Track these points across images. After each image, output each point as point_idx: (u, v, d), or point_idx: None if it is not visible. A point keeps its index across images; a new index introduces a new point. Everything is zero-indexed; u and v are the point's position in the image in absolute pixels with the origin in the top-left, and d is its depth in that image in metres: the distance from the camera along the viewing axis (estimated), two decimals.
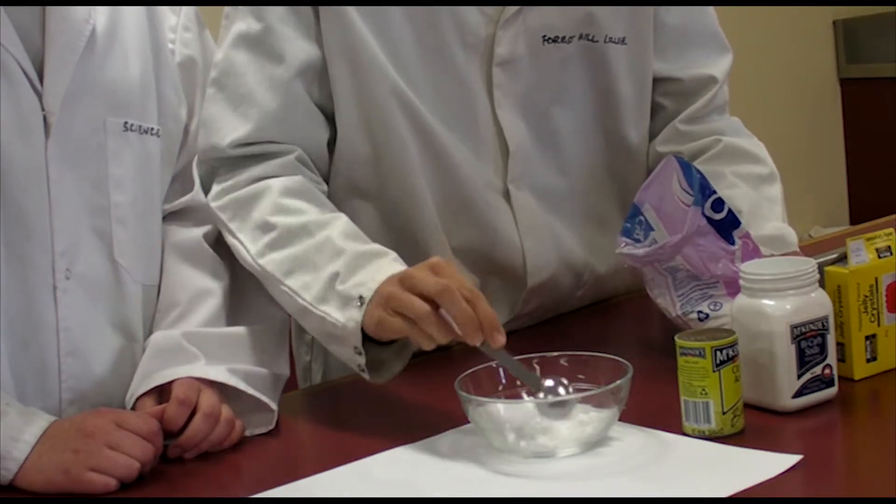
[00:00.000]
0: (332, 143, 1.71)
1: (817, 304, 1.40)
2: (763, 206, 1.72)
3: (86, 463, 1.38)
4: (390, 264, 1.51)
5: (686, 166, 1.60)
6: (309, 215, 1.60)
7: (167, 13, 1.65)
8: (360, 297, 1.47)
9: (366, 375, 1.51)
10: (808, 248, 1.84)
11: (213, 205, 1.64)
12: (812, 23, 4.71)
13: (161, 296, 1.61)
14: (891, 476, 1.21)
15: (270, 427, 1.52)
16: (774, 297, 1.38)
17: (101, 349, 1.54)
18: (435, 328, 1.40)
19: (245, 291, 1.64)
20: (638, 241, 1.64)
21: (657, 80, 1.83)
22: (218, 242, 1.65)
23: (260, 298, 1.63)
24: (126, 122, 1.56)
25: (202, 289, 1.60)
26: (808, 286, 1.39)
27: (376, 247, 1.56)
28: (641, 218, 1.64)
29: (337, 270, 1.52)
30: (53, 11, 1.51)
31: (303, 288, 1.54)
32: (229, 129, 1.64)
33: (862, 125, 4.90)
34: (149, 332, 1.59)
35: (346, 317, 1.48)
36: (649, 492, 1.24)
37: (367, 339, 1.48)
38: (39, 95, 1.49)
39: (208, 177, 1.67)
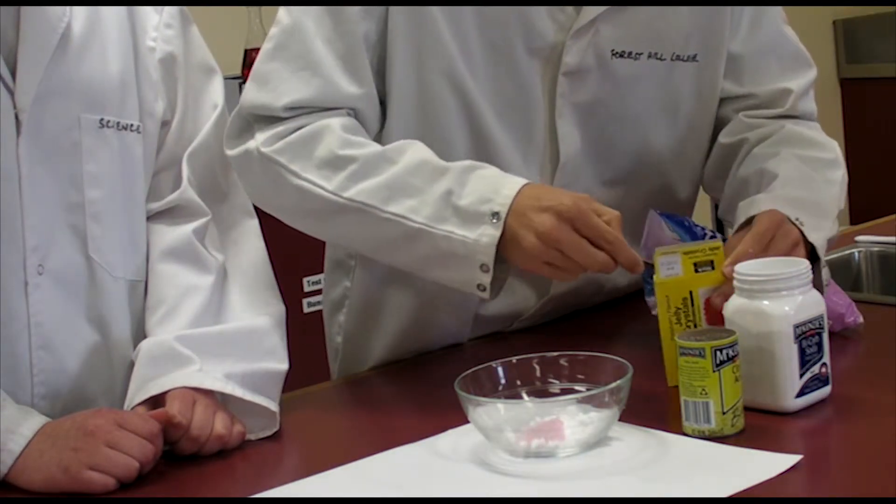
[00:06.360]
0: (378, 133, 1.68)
1: (813, 303, 1.40)
2: (816, 182, 1.67)
3: (85, 461, 1.37)
4: (511, 178, 1.52)
5: (668, 216, 1.61)
6: (378, 147, 1.59)
7: (149, 11, 1.64)
8: (495, 214, 1.49)
9: (485, 294, 1.52)
10: None
11: (266, 150, 1.60)
12: (812, 23, 4.71)
13: (149, 293, 1.60)
14: (891, 476, 1.21)
15: (274, 430, 1.51)
16: (774, 298, 1.38)
17: (75, 344, 1.53)
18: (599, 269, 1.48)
19: (243, 284, 1.63)
20: None
21: (731, 98, 1.82)
22: (208, 237, 1.64)
23: (257, 290, 1.63)
24: (102, 119, 1.56)
25: (191, 285, 1.59)
26: (804, 286, 1.39)
27: (474, 162, 1.56)
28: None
29: (448, 188, 1.53)
30: (28, 9, 1.50)
31: (410, 211, 1.54)
32: (286, 89, 1.61)
33: (862, 125, 4.91)
34: (137, 327, 1.59)
35: (477, 233, 1.50)
36: (649, 492, 1.24)
37: None
38: (11, 93, 1.49)
39: (242, 130, 1.64)
